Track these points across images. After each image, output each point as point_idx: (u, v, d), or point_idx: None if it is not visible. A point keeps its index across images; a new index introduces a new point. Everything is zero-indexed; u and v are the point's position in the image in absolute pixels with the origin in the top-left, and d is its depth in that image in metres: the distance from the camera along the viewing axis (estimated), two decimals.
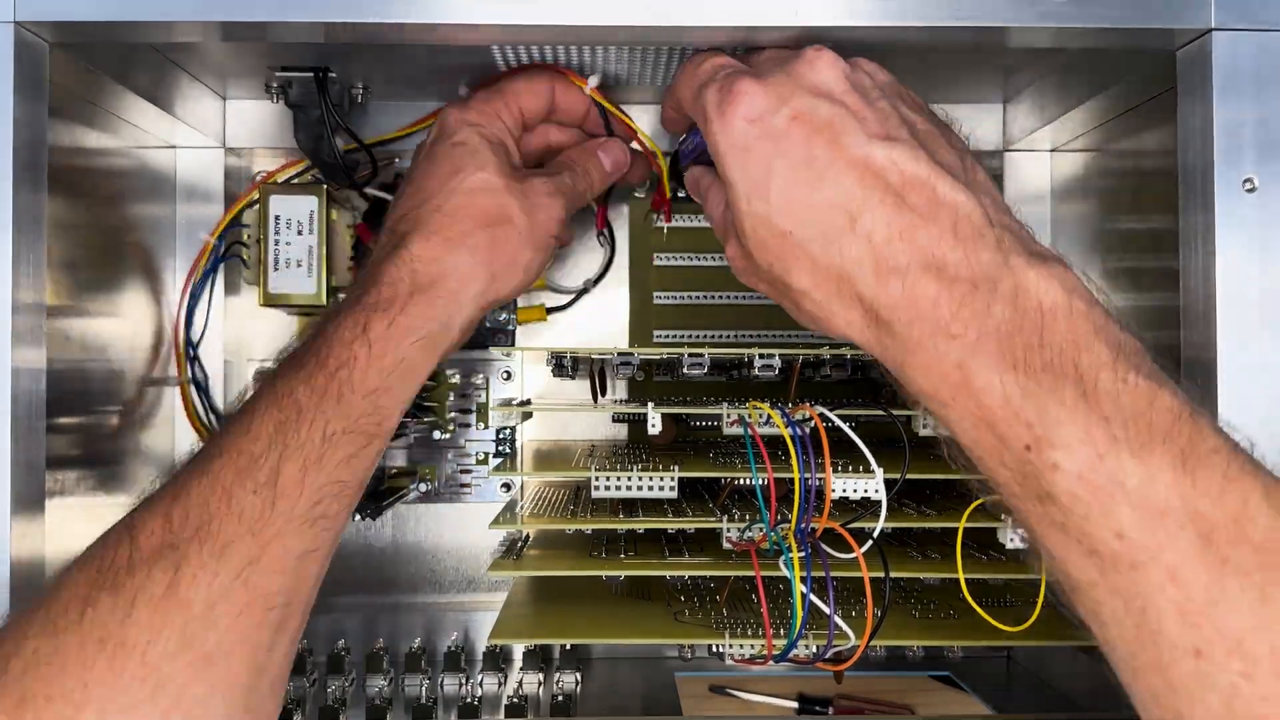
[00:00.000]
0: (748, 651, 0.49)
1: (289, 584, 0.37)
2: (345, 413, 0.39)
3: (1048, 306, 0.32)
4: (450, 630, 0.63)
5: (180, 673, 0.32)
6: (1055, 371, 0.31)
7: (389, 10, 0.41)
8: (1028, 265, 0.33)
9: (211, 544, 0.34)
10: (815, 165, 0.36)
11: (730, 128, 0.38)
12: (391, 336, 0.41)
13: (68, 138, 0.50)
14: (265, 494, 0.36)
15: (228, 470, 0.36)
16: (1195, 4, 0.42)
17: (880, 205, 0.35)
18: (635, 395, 0.64)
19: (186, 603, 0.33)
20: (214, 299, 0.63)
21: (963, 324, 0.33)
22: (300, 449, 0.37)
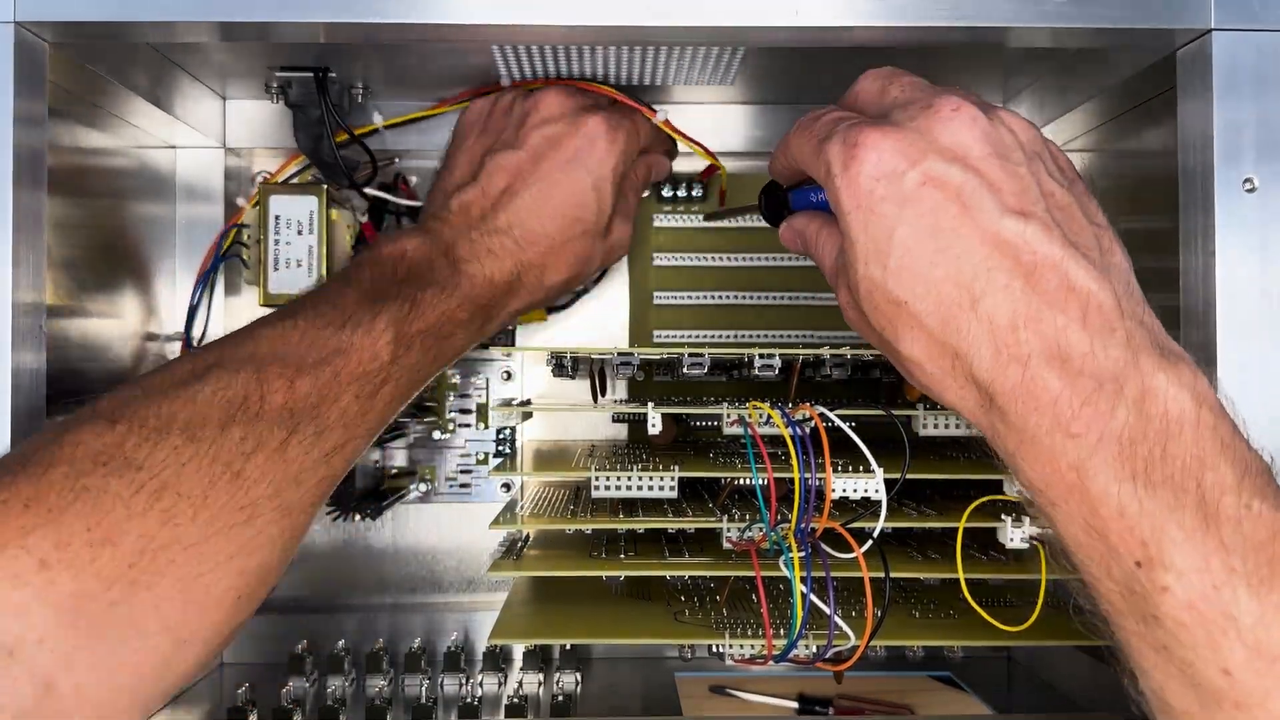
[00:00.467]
0: (748, 651, 0.49)
1: (342, 474, 0.44)
2: (431, 369, 0.47)
3: (1174, 416, 0.30)
4: (450, 630, 0.63)
5: (268, 513, 0.39)
6: (1176, 488, 0.30)
7: (389, 10, 0.41)
8: (1157, 368, 0.31)
9: (318, 424, 0.41)
10: (941, 236, 0.34)
11: (855, 185, 0.35)
12: (480, 333, 0.50)
13: (68, 138, 0.50)
14: (364, 404, 0.43)
15: (346, 370, 0.42)
16: (1195, 4, 0.42)
17: (1006, 288, 0.33)
18: (635, 395, 0.64)
19: (289, 461, 0.40)
20: (214, 299, 0.63)
21: (1084, 424, 0.31)
22: (398, 380, 0.44)
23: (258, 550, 0.39)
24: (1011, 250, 0.33)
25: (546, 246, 0.51)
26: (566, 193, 0.51)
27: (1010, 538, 0.48)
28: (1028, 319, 0.32)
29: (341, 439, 0.42)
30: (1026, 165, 0.35)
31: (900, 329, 0.35)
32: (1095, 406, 0.31)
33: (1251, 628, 0.28)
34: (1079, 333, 0.32)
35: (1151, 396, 0.31)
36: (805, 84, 0.60)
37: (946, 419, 0.49)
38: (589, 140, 0.51)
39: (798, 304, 0.63)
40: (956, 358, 0.34)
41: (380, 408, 0.44)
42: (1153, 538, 0.29)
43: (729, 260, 0.64)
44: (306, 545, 0.64)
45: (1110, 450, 0.30)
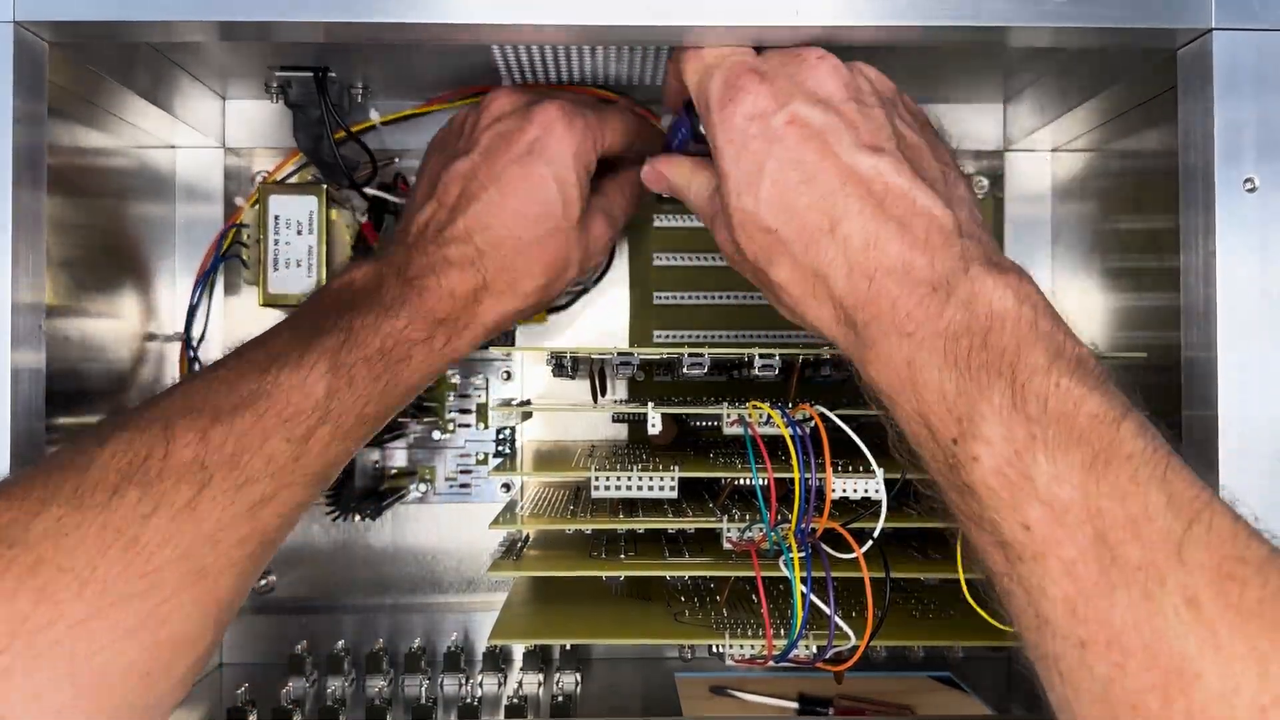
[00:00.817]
0: (748, 652, 0.49)
1: (282, 528, 0.40)
2: (384, 399, 0.43)
3: (997, 312, 0.34)
4: (450, 630, 0.63)
5: (176, 579, 0.35)
6: (992, 371, 0.33)
7: (389, 10, 0.41)
8: (985, 273, 0.35)
9: (237, 475, 0.37)
10: (804, 168, 0.38)
11: (730, 123, 0.39)
12: (444, 351, 0.45)
13: (68, 138, 0.50)
14: (296, 448, 0.39)
15: (271, 414, 0.39)
16: (1195, 4, 0.42)
17: (859, 213, 0.37)
18: (635, 395, 0.64)
19: (200, 519, 0.36)
20: (214, 299, 0.63)
21: (915, 323, 0.35)
22: (338, 419, 0.41)
23: (167, 621, 0.35)
24: (865, 181, 0.37)
25: (513, 248, 0.46)
26: (526, 188, 0.46)
27: None
28: (877, 239, 0.36)
29: (270, 489, 0.38)
30: (881, 109, 0.39)
31: (772, 255, 0.39)
32: (926, 308, 0.35)
33: (1046, 485, 0.30)
34: (920, 250, 0.36)
35: (978, 298, 0.34)
36: None
37: None
38: (543, 128, 0.47)
39: None
40: (817, 278, 0.38)
41: (318, 450, 0.40)
42: (967, 415, 0.33)
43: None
44: (307, 545, 0.64)
45: (936, 345, 0.34)
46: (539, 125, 0.47)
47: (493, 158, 0.47)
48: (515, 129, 0.47)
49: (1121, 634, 0.28)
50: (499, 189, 0.46)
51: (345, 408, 0.41)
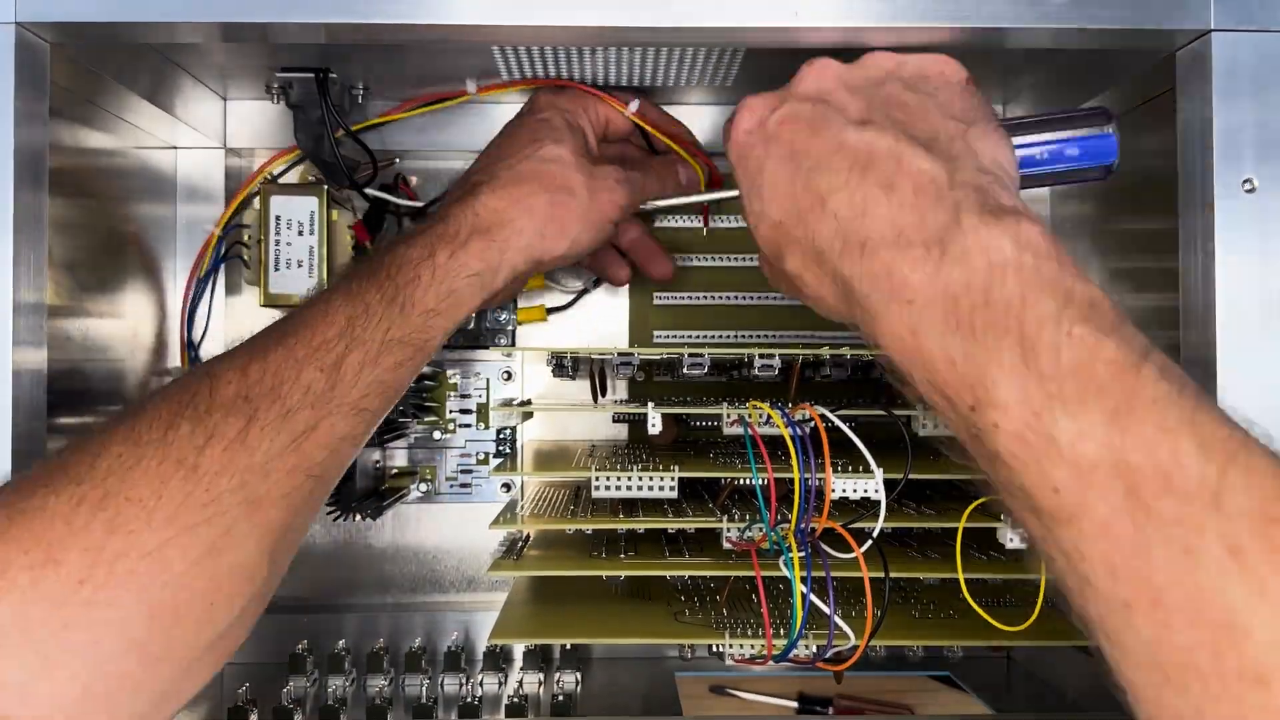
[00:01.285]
0: (748, 651, 0.49)
1: (328, 460, 0.40)
2: (404, 322, 0.43)
3: (997, 263, 0.32)
4: (450, 630, 0.63)
5: (234, 508, 0.36)
6: (998, 330, 0.31)
7: (389, 10, 0.42)
8: (980, 223, 0.33)
9: (280, 406, 0.38)
10: (796, 157, 0.38)
11: (735, 143, 0.41)
12: (451, 267, 0.45)
13: (69, 138, 0.50)
14: (330, 376, 0.40)
15: (302, 346, 0.40)
16: (1195, 5, 0.42)
17: (845, 185, 0.36)
18: (635, 395, 0.64)
19: (251, 450, 0.37)
20: (215, 299, 0.63)
21: (914, 289, 0.33)
22: (363, 344, 0.41)
23: (228, 550, 0.36)
24: (851, 151, 0.37)
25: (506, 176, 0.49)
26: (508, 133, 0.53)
27: (1010, 538, 0.48)
28: (865, 206, 0.35)
29: (312, 419, 0.39)
30: (874, 85, 0.39)
31: (782, 247, 0.39)
32: (922, 271, 0.33)
33: (1070, 444, 0.29)
34: (910, 208, 0.34)
35: (975, 251, 0.32)
36: None
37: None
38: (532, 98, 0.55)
39: (797, 304, 0.63)
40: (820, 259, 0.37)
41: (351, 377, 0.41)
42: (979, 381, 0.31)
43: (729, 260, 0.64)
44: (307, 545, 0.64)
45: (937, 309, 0.32)
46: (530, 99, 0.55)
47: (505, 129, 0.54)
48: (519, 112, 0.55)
49: (1164, 592, 0.27)
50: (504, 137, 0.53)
51: (368, 333, 0.42)
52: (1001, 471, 0.31)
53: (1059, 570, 0.30)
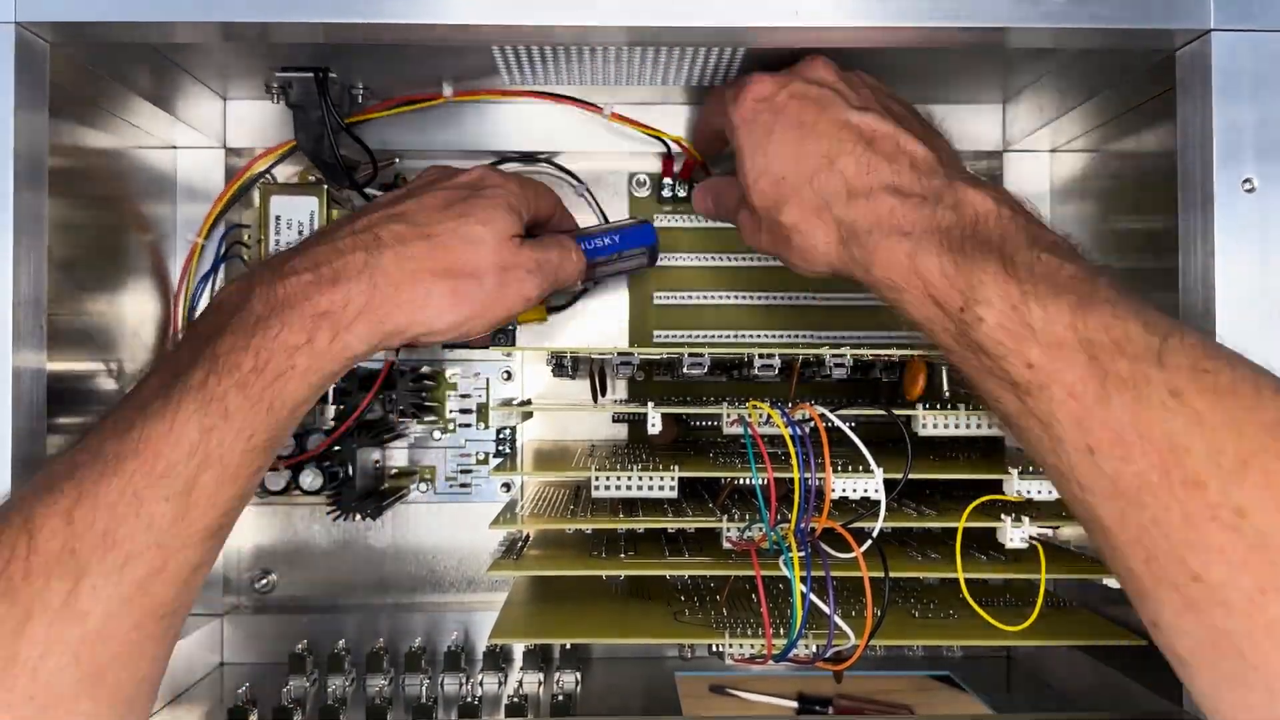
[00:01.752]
0: (748, 651, 0.49)
1: (183, 596, 0.36)
2: (270, 425, 0.38)
3: (982, 211, 0.40)
4: (450, 630, 0.63)
5: (71, 689, 0.32)
6: (983, 251, 0.38)
7: (389, 10, 0.42)
8: (968, 186, 0.41)
9: (116, 553, 0.33)
10: (805, 125, 0.44)
11: (742, 107, 0.46)
12: (330, 351, 0.39)
13: (68, 138, 0.50)
14: (178, 504, 0.35)
15: (141, 473, 0.34)
16: (1195, 4, 0.42)
17: (852, 151, 0.43)
18: (635, 395, 0.64)
19: (83, 616, 0.33)
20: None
21: (912, 224, 0.40)
22: (221, 460, 0.36)
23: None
24: (855, 128, 0.43)
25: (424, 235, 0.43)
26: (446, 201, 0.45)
27: (1010, 538, 0.48)
28: (870, 167, 0.42)
29: (158, 560, 0.34)
30: (868, 89, 0.46)
31: (781, 198, 0.44)
32: (921, 212, 0.40)
33: (1042, 328, 0.36)
34: (909, 173, 0.42)
35: (963, 201, 0.40)
36: None
37: (946, 419, 0.49)
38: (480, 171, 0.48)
39: (798, 304, 0.63)
40: (821, 207, 0.43)
41: (204, 502, 0.36)
42: (967, 285, 0.38)
43: (729, 260, 0.64)
44: (307, 545, 0.64)
45: (934, 238, 0.40)
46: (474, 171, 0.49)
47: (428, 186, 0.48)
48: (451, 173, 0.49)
49: (1121, 432, 0.33)
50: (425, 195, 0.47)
51: (228, 444, 0.36)
52: (983, 358, 0.38)
53: (1033, 437, 0.37)
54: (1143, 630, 0.50)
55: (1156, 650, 0.36)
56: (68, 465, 0.35)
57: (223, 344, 0.38)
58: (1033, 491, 0.48)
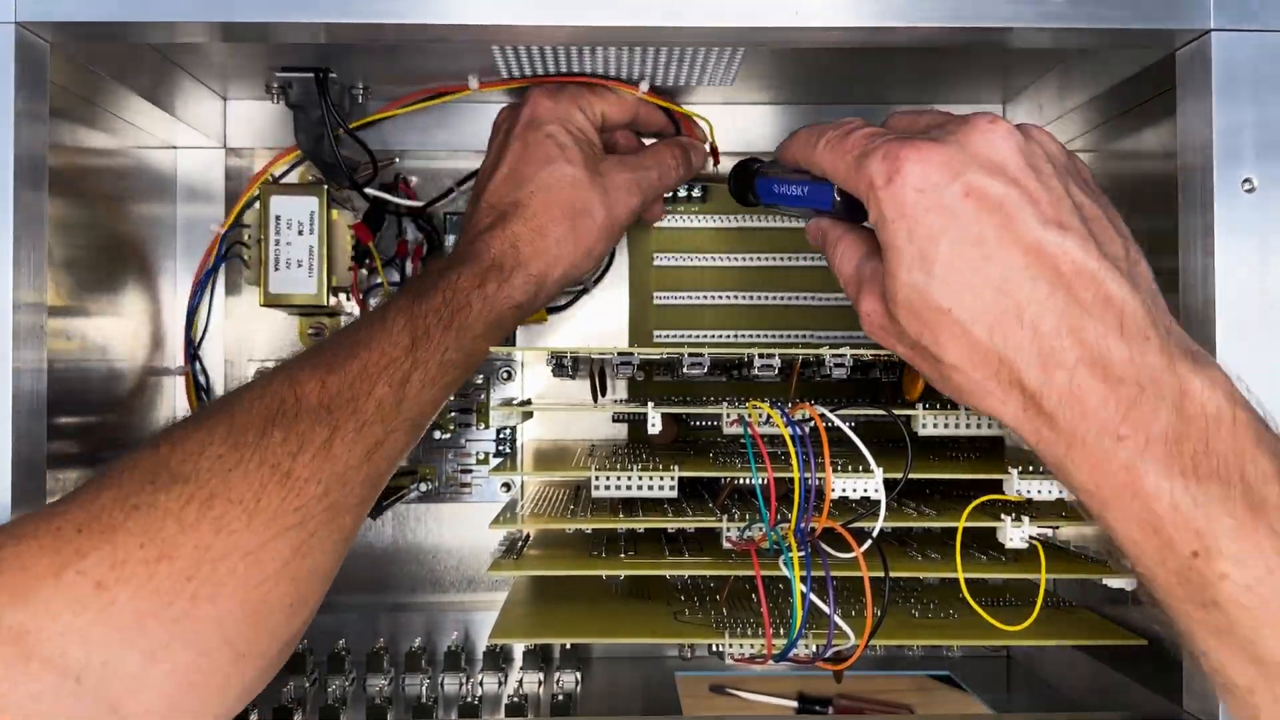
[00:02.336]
0: (748, 651, 0.49)
1: (387, 472, 0.44)
2: (458, 345, 0.46)
3: (1212, 414, 0.33)
4: (450, 630, 0.63)
5: (319, 514, 0.39)
6: (1223, 480, 0.32)
7: (389, 10, 0.42)
8: (1192, 371, 0.33)
9: (357, 418, 0.41)
10: (985, 245, 0.35)
11: (900, 196, 0.36)
12: (498, 298, 0.48)
13: (68, 138, 0.50)
14: (397, 390, 0.43)
15: (373, 361, 0.43)
16: (1195, 4, 0.42)
17: (1049, 297, 0.34)
18: (635, 395, 0.64)
19: (335, 459, 0.40)
20: (215, 299, 0.63)
21: (1131, 426, 0.33)
22: (425, 365, 0.44)
23: (310, 553, 0.38)
24: (1052, 261, 0.35)
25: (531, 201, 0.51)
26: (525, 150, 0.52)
27: (1010, 538, 0.48)
28: (1071, 328, 0.34)
29: (382, 433, 0.42)
30: (1058, 178, 0.37)
31: (942, 336, 0.36)
32: (1140, 410, 0.33)
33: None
34: (1117, 341, 0.34)
35: (1189, 398, 0.33)
36: (805, 84, 0.60)
37: (946, 419, 0.49)
38: (533, 103, 0.53)
39: (798, 304, 0.63)
40: (1002, 364, 0.35)
41: (414, 395, 0.44)
42: (1207, 528, 0.31)
43: (729, 260, 0.64)
44: None
45: (1158, 450, 0.32)
46: (529, 103, 0.53)
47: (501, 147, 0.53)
48: (513, 116, 0.54)
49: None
50: (507, 162, 0.52)
51: (429, 355, 0.45)
52: (1218, 618, 0.32)
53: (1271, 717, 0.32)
54: (1143, 630, 0.50)
55: (1156, 650, 0.36)
56: (316, 347, 0.44)
57: (422, 284, 0.47)
58: (1033, 491, 0.48)
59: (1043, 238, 0.35)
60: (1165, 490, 0.32)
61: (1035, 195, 0.36)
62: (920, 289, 0.36)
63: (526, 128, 0.53)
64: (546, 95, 0.53)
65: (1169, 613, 0.34)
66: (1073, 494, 0.36)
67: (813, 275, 0.63)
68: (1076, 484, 0.35)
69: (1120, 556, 0.35)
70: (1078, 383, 0.34)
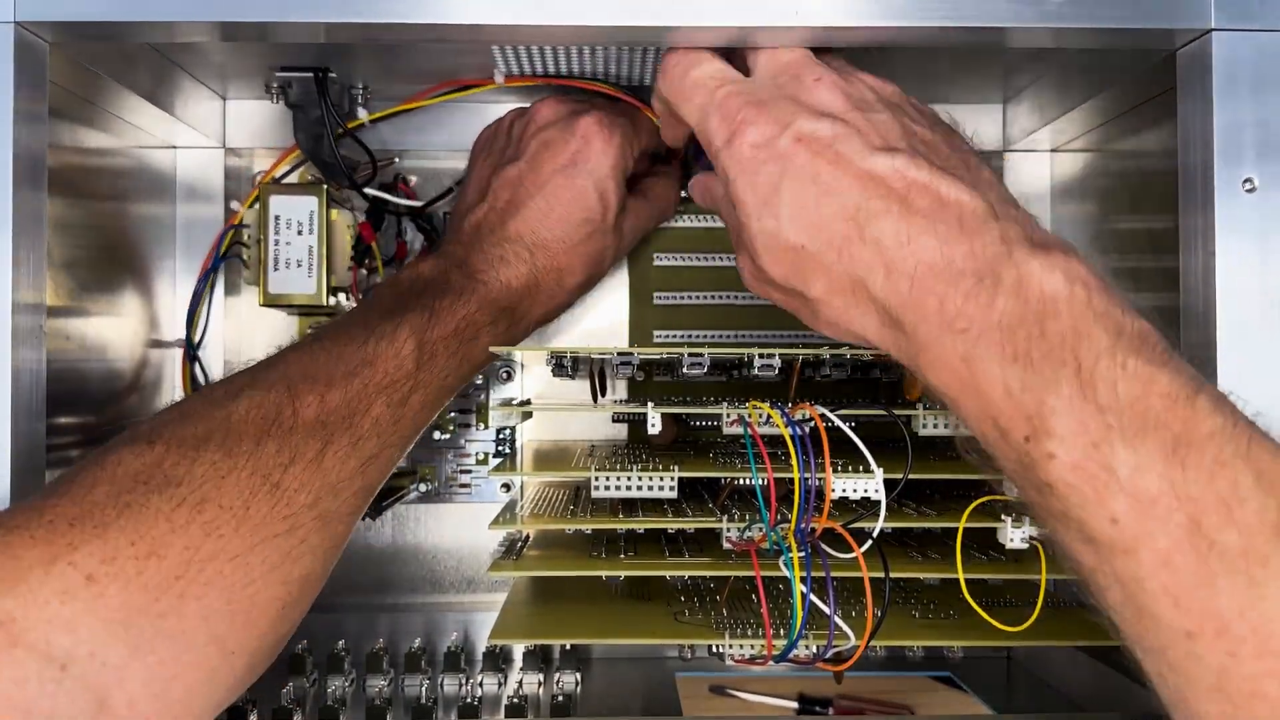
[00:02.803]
0: (748, 652, 0.49)
1: (379, 483, 0.45)
2: (458, 373, 0.48)
3: (1049, 295, 0.32)
4: (450, 630, 0.63)
5: (309, 523, 0.40)
6: (1055, 361, 0.31)
7: (389, 10, 0.42)
8: (1030, 255, 0.33)
9: (351, 434, 0.42)
10: (821, 181, 0.37)
11: (738, 154, 0.39)
12: (506, 335, 0.50)
13: (68, 138, 0.50)
14: (396, 412, 0.44)
15: (375, 381, 0.43)
16: (1195, 4, 0.42)
17: (886, 213, 0.36)
18: (635, 395, 0.64)
19: (326, 472, 0.41)
20: (214, 299, 0.63)
21: (967, 319, 0.33)
22: (426, 388, 0.46)
23: (300, 559, 0.39)
24: (883, 180, 0.36)
25: (559, 249, 0.51)
26: (570, 197, 0.51)
27: (1010, 538, 0.48)
28: (910, 235, 0.35)
29: (376, 449, 0.43)
30: (887, 112, 0.39)
31: (804, 270, 0.38)
32: (975, 300, 0.33)
33: (1129, 477, 0.29)
34: (957, 238, 0.35)
35: (1026, 282, 0.33)
36: None
37: (946, 419, 0.49)
38: (584, 141, 0.51)
39: None
40: (855, 285, 0.37)
41: (411, 416, 0.45)
42: (1036, 411, 0.31)
43: (729, 260, 0.63)
44: None
45: (993, 338, 0.33)
46: (580, 137, 0.51)
47: (538, 166, 0.51)
48: (559, 139, 0.52)
49: (1230, 622, 0.28)
50: (545, 197, 0.51)
51: (431, 378, 0.46)
52: (1053, 501, 0.31)
53: (1113, 599, 0.31)
54: None
55: None
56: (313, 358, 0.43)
57: (438, 302, 0.47)
58: None
59: (872, 163, 0.37)
60: (998, 377, 0.32)
61: (862, 129, 0.38)
62: (772, 232, 0.38)
63: (574, 164, 0.51)
64: (601, 135, 0.51)
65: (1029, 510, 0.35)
66: (931, 397, 0.37)
67: None
68: (929, 385, 0.36)
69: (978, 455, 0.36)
70: (919, 285, 0.34)
